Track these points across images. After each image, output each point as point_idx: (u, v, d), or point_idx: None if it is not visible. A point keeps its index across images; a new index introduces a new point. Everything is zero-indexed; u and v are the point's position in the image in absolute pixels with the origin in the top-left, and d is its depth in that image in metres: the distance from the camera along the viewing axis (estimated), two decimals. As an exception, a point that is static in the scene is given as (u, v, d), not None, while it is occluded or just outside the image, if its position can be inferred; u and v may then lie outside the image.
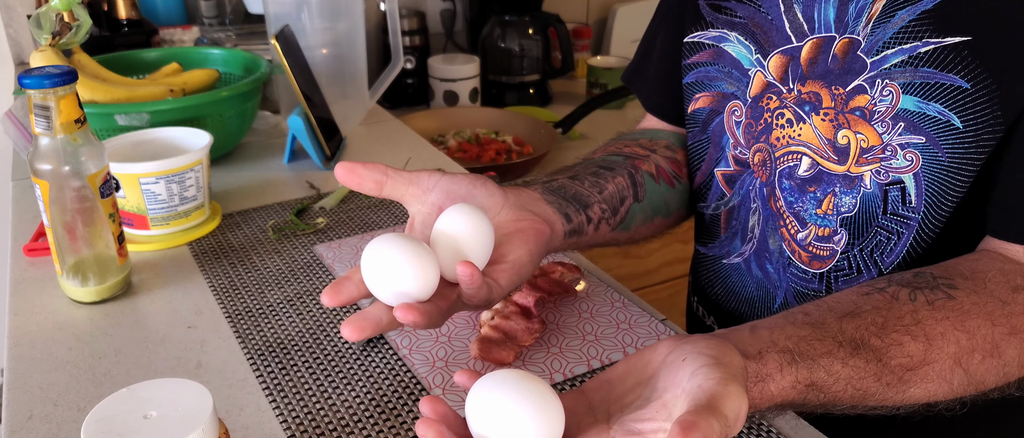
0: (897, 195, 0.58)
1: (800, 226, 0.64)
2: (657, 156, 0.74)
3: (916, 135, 0.55)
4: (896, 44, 0.55)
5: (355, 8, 1.13)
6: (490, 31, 1.66)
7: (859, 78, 0.57)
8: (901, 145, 0.56)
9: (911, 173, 0.56)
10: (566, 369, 0.61)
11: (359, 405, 0.58)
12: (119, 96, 0.94)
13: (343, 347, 0.64)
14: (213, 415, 0.41)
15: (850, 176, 0.59)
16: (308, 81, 1.03)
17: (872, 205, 0.59)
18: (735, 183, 0.69)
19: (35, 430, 0.55)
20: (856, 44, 0.57)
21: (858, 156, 0.59)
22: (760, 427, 0.56)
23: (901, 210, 0.58)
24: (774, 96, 0.63)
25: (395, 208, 0.89)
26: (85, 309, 0.70)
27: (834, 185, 0.61)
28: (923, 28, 0.54)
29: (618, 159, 0.72)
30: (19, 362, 0.63)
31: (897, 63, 0.55)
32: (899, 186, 0.57)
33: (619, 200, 0.67)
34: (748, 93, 0.65)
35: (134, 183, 0.77)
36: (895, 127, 0.56)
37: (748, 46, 0.64)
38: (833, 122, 0.59)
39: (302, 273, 0.76)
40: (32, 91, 0.63)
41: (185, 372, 0.62)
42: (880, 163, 0.58)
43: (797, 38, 0.60)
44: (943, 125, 0.54)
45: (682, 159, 0.76)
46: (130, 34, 1.36)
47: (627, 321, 0.67)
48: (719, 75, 0.67)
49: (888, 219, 0.59)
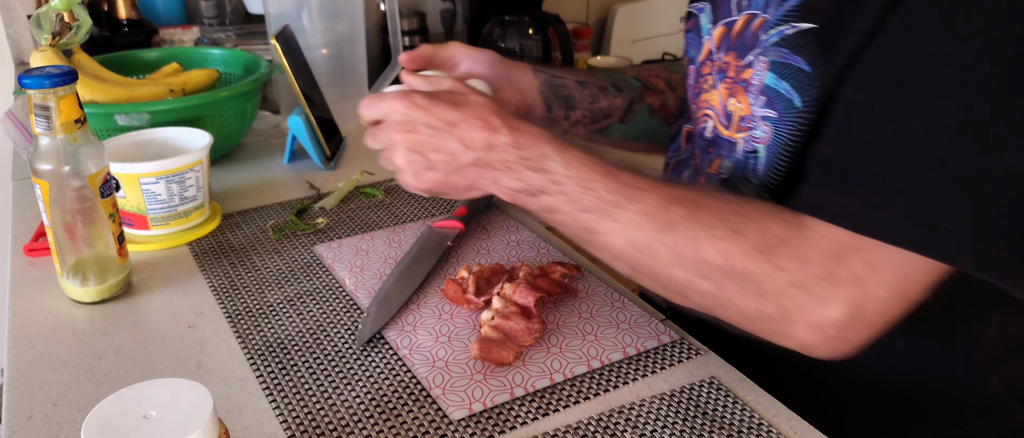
0: (753, 163, 0.62)
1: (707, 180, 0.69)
2: (670, 96, 0.85)
3: (771, 109, 0.59)
4: (777, 25, 0.59)
5: (355, 8, 1.13)
6: (490, 31, 1.66)
7: (751, 53, 0.61)
8: (762, 117, 0.61)
9: (765, 144, 0.61)
10: (566, 369, 0.61)
11: (359, 405, 0.58)
12: (119, 96, 0.95)
13: (343, 347, 0.64)
14: (213, 415, 0.41)
15: (731, 141, 0.64)
16: (308, 81, 1.03)
17: (738, 169, 0.64)
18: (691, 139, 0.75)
19: (35, 430, 0.55)
20: (766, 23, 0.60)
21: (738, 124, 0.63)
22: (761, 427, 0.56)
23: (750, 175, 0.63)
24: (709, 62, 0.68)
25: (395, 209, 0.89)
26: (85, 309, 0.70)
27: (722, 148, 0.66)
28: (796, 13, 0.57)
29: (634, 84, 0.84)
30: (19, 362, 0.63)
31: (773, 42, 0.59)
32: (755, 155, 0.62)
33: (604, 115, 0.81)
34: (699, 58, 0.70)
35: (134, 183, 0.77)
36: (759, 100, 0.61)
37: (710, 16, 0.69)
38: (729, 90, 0.64)
39: (302, 273, 0.76)
40: (32, 91, 0.63)
41: (185, 372, 0.62)
42: (748, 132, 0.62)
43: (736, 12, 0.64)
44: (788, 102, 0.58)
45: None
46: (130, 34, 1.36)
47: (627, 321, 0.67)
48: (692, 41, 0.72)
49: (744, 184, 0.63)
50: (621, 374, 0.61)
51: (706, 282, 0.54)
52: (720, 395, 0.59)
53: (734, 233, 0.53)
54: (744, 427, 0.56)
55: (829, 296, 0.50)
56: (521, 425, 0.56)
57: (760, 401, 0.59)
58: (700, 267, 0.53)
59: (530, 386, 0.59)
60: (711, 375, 0.61)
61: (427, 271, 0.74)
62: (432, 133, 0.60)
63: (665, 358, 0.63)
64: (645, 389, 0.60)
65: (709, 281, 0.54)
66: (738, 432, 0.55)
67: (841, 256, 0.50)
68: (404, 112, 0.60)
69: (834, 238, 0.50)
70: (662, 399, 0.58)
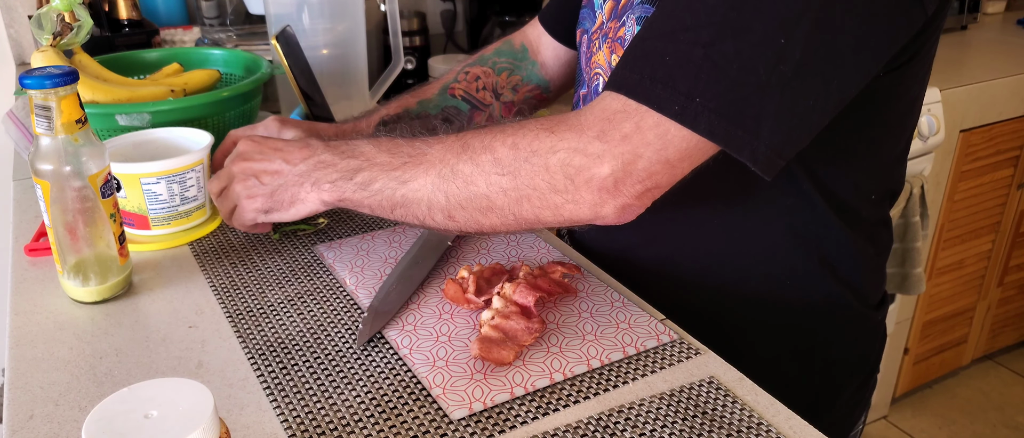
0: None
1: None
2: (497, 105, 0.94)
3: None
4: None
5: (356, 8, 1.13)
6: (490, 32, 1.66)
7: (628, 13, 0.70)
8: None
9: None
10: (566, 369, 0.61)
11: (359, 404, 0.58)
12: (120, 96, 0.95)
13: (343, 347, 0.64)
14: (214, 415, 0.41)
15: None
16: (309, 81, 1.03)
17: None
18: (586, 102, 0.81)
19: (36, 430, 0.55)
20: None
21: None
22: (760, 427, 0.56)
23: None
24: (598, 30, 0.76)
25: (395, 208, 0.90)
26: (86, 309, 0.70)
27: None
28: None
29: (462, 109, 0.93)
30: (20, 362, 0.63)
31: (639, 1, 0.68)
32: None
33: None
34: (592, 29, 0.78)
35: (135, 183, 0.77)
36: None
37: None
38: (610, 48, 0.73)
39: (303, 273, 0.76)
40: (33, 91, 0.63)
41: (186, 372, 0.62)
42: None
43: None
44: None
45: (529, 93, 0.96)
46: (131, 34, 1.36)
47: (627, 321, 0.67)
48: (587, 16, 0.80)
49: None
50: (621, 374, 0.61)
51: (504, 178, 0.60)
52: (719, 395, 0.59)
53: (520, 127, 0.60)
54: (743, 427, 0.56)
55: (602, 154, 0.57)
56: (521, 425, 0.56)
57: (760, 401, 0.59)
58: (497, 166, 0.60)
59: (530, 386, 0.59)
60: (710, 375, 0.61)
61: (427, 271, 0.74)
62: (262, 156, 0.71)
63: (665, 358, 0.63)
64: (645, 389, 0.60)
65: (507, 175, 0.60)
66: (737, 432, 0.55)
67: (613, 120, 0.57)
68: (242, 147, 0.72)
69: (611, 106, 0.58)
70: (662, 399, 0.59)
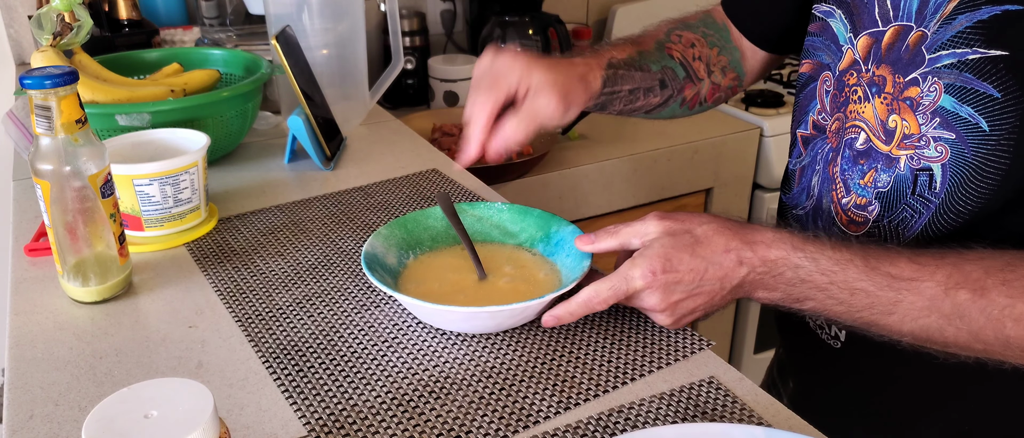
0: (925, 180, 0.63)
1: (845, 192, 0.69)
2: (706, 84, 0.86)
3: (948, 131, 0.60)
4: (951, 46, 0.59)
5: (355, 9, 1.13)
6: (490, 32, 1.66)
7: (917, 71, 0.62)
8: (934, 138, 0.61)
9: (940, 163, 0.62)
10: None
11: (380, 404, 0.58)
12: (120, 96, 0.95)
13: (359, 348, 0.64)
14: (214, 415, 0.41)
15: (891, 156, 0.65)
16: (309, 81, 1.03)
17: (903, 185, 0.64)
18: (809, 145, 0.75)
19: (36, 430, 0.55)
20: (924, 38, 0.61)
21: (900, 140, 0.64)
22: (760, 427, 0.56)
23: (926, 193, 0.63)
24: (854, 73, 0.68)
25: (394, 210, 0.89)
26: (86, 309, 0.70)
27: (878, 162, 0.66)
28: (975, 37, 0.58)
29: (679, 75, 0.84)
30: (20, 362, 0.63)
31: (947, 64, 0.59)
32: (928, 172, 0.63)
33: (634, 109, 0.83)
34: (838, 67, 0.70)
35: (128, 184, 0.77)
36: (932, 120, 0.61)
37: (845, 24, 0.69)
38: (888, 106, 0.65)
39: (309, 276, 0.76)
40: (33, 91, 0.63)
41: (186, 372, 0.62)
42: (915, 150, 0.63)
43: (883, 23, 0.65)
44: (973, 126, 0.59)
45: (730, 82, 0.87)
46: (131, 35, 1.36)
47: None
48: (822, 46, 0.72)
49: (915, 199, 0.64)
50: (621, 374, 0.61)
51: (1010, 351, 0.55)
52: (719, 395, 0.59)
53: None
54: (748, 424, 0.56)
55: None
56: (524, 429, 0.56)
57: (759, 401, 0.59)
58: (1004, 345, 0.55)
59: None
60: (710, 375, 0.61)
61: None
62: (688, 290, 0.61)
63: (664, 358, 0.63)
64: (645, 389, 0.60)
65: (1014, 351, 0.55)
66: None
67: None
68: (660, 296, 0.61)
69: None
70: (661, 399, 0.59)
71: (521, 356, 0.63)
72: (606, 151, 1.43)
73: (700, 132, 1.53)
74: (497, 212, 0.77)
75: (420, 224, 0.75)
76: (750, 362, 1.78)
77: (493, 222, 0.77)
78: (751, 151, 1.59)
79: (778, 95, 1.66)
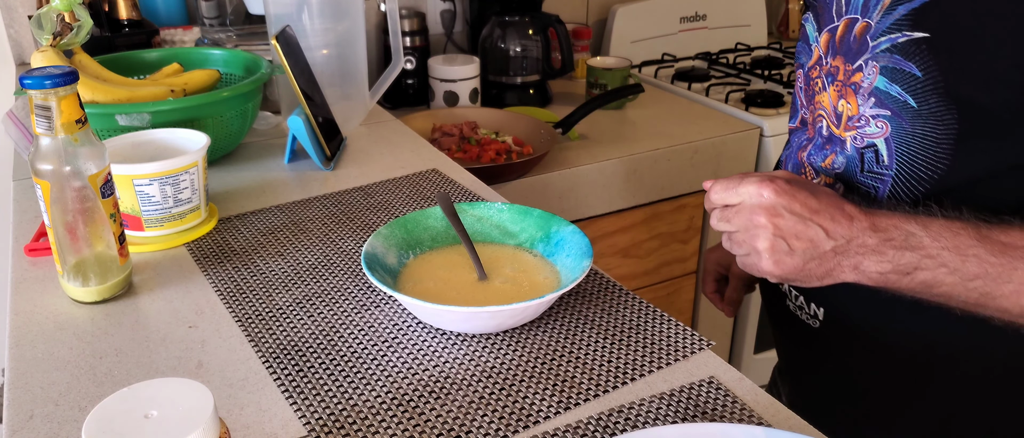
0: (872, 156, 0.67)
1: (814, 175, 0.74)
2: None
3: (883, 109, 0.65)
4: (887, 33, 0.63)
5: (355, 9, 1.13)
6: (490, 32, 1.66)
7: (861, 58, 0.66)
8: (872, 116, 0.66)
9: (882, 138, 0.66)
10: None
11: (380, 404, 0.58)
12: (120, 96, 0.95)
13: (359, 348, 0.64)
14: (214, 414, 0.41)
15: (841, 139, 0.70)
16: (309, 81, 1.03)
17: (853, 164, 0.69)
18: (793, 136, 0.81)
19: (36, 430, 0.55)
20: (869, 28, 0.65)
21: (846, 122, 0.69)
22: (760, 427, 0.56)
23: (875, 168, 0.67)
24: (818, 67, 0.73)
25: (394, 210, 0.89)
26: (86, 309, 0.70)
27: (836, 145, 0.70)
28: (906, 22, 0.62)
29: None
30: (20, 362, 0.63)
31: (884, 49, 0.64)
32: (872, 149, 0.67)
33: None
34: (808, 64, 0.75)
35: (128, 184, 0.77)
36: (869, 100, 0.66)
37: (813, 24, 0.74)
38: (838, 92, 0.69)
39: (309, 276, 0.76)
40: (33, 91, 0.63)
41: (186, 372, 0.62)
42: (857, 130, 0.67)
43: (837, 17, 0.69)
44: (902, 103, 0.63)
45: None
46: (131, 35, 1.36)
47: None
48: (802, 49, 0.77)
49: (865, 176, 0.68)
50: (621, 374, 0.61)
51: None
52: (719, 395, 0.59)
53: None
54: (751, 423, 0.56)
55: None
56: (523, 429, 0.56)
57: (759, 401, 0.59)
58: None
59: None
60: (710, 375, 0.61)
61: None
62: (796, 219, 0.59)
63: (664, 358, 0.63)
64: (645, 389, 0.60)
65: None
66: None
67: None
68: (771, 197, 0.60)
69: None
70: (661, 399, 0.59)
71: (521, 356, 0.63)
72: (606, 151, 1.43)
73: (700, 132, 1.53)
74: (497, 212, 0.77)
75: (420, 224, 0.75)
76: (750, 362, 1.78)
77: (493, 222, 0.77)
78: (751, 151, 1.59)
79: (778, 95, 1.66)
